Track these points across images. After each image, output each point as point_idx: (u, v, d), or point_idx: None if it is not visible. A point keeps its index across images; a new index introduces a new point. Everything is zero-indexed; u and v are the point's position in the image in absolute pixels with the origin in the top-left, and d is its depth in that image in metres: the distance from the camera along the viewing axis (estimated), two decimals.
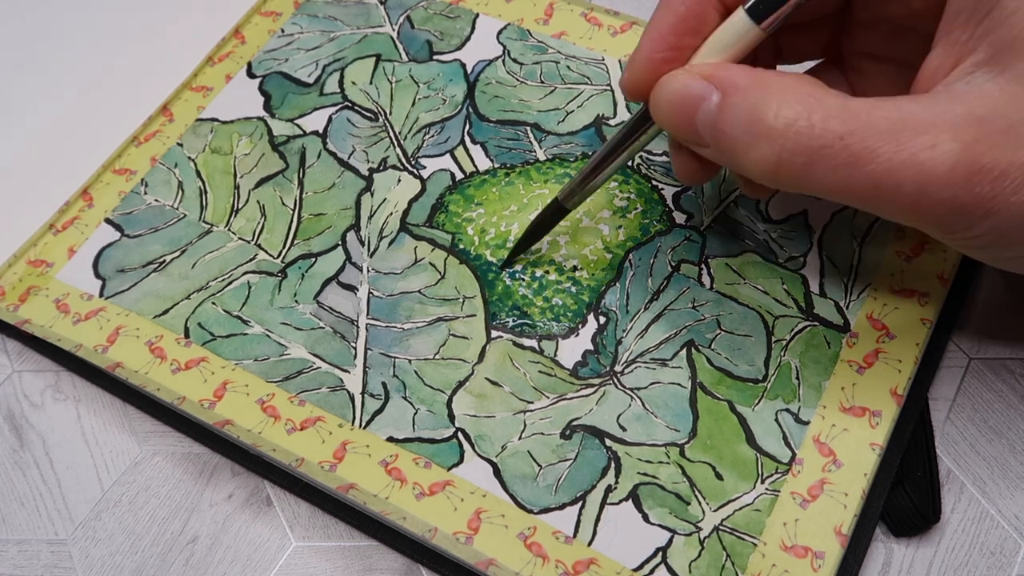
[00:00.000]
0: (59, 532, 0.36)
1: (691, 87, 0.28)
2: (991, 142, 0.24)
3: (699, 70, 0.28)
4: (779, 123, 0.26)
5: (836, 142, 0.25)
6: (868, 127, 0.25)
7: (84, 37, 0.49)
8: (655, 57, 0.30)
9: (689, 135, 0.29)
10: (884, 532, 0.33)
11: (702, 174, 0.33)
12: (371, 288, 0.38)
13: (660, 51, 0.30)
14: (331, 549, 0.35)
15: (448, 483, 0.33)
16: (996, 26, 0.25)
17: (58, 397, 0.39)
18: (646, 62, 0.30)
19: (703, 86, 0.28)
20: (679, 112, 0.29)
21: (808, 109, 0.26)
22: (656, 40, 0.30)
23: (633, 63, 0.30)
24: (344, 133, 0.43)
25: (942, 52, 0.27)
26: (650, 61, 0.30)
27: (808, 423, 0.33)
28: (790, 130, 0.26)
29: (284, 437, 0.34)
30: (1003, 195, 0.24)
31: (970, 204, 0.25)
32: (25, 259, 0.40)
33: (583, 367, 0.35)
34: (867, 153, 0.25)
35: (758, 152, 0.27)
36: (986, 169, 0.24)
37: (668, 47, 0.29)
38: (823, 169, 0.26)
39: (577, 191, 0.35)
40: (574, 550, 0.32)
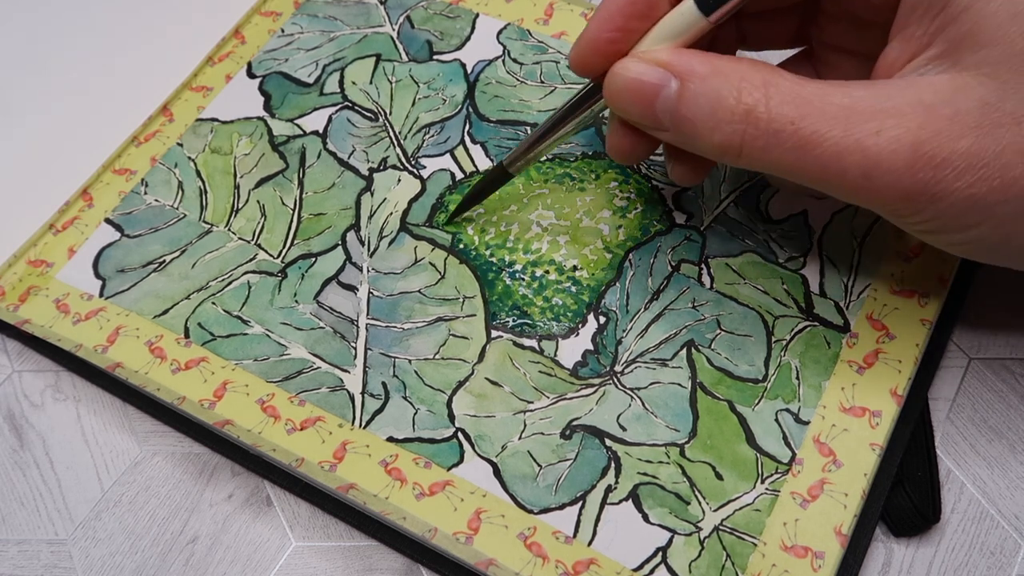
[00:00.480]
0: (59, 532, 0.36)
1: (647, 75, 0.29)
2: (935, 129, 0.25)
3: (653, 56, 0.29)
4: (740, 109, 0.27)
5: (788, 126, 0.26)
6: (818, 112, 0.26)
7: (84, 37, 0.49)
8: (602, 37, 0.30)
9: (648, 120, 0.30)
10: (884, 532, 0.33)
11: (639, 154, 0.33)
12: (371, 288, 0.38)
13: (607, 31, 0.30)
14: (331, 549, 0.35)
15: (448, 483, 0.33)
16: (949, 22, 0.26)
17: (58, 397, 0.39)
18: (593, 41, 0.30)
19: (660, 74, 0.29)
20: (638, 99, 0.29)
21: (766, 96, 0.27)
22: (605, 20, 0.30)
23: (580, 41, 0.31)
24: (344, 133, 0.43)
25: (898, 46, 0.28)
26: (597, 41, 0.30)
27: (808, 423, 0.33)
28: (750, 115, 0.27)
29: (284, 437, 0.34)
30: (945, 182, 0.25)
31: (913, 190, 0.26)
32: (25, 259, 0.40)
33: (583, 367, 0.35)
34: (815, 137, 0.26)
35: (721, 135, 0.28)
36: (928, 156, 0.25)
37: (615, 28, 0.30)
38: (777, 152, 0.27)
39: (522, 157, 0.36)
40: (574, 550, 0.32)
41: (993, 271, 0.38)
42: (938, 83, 0.26)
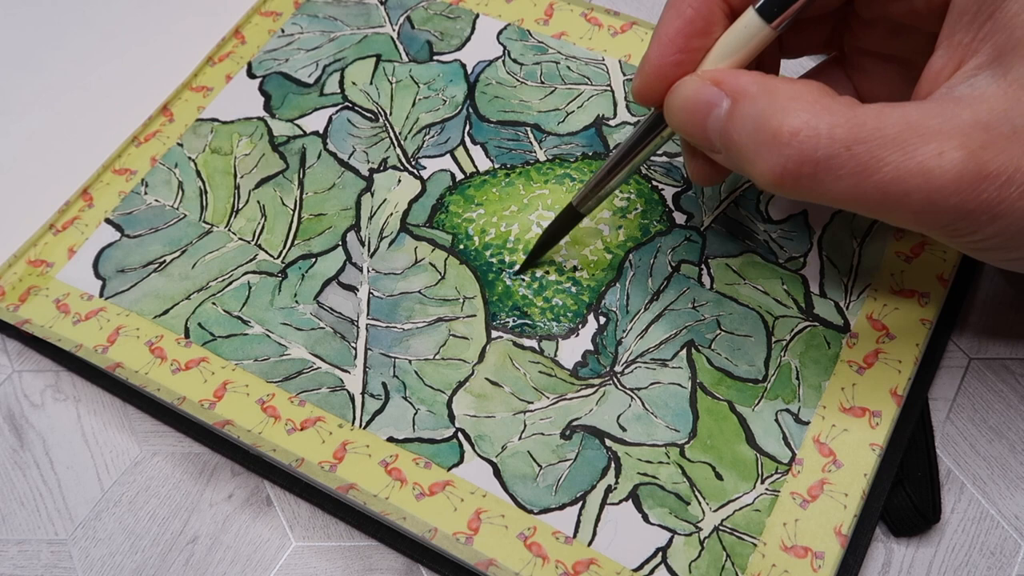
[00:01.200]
0: (59, 532, 0.36)
1: (702, 93, 0.28)
2: (996, 148, 0.24)
3: (710, 75, 0.28)
4: (785, 131, 0.26)
5: (843, 151, 0.25)
6: (875, 136, 0.25)
7: (84, 37, 0.49)
8: (665, 62, 0.30)
9: (702, 141, 0.29)
10: (884, 532, 0.33)
11: (714, 176, 0.33)
12: (371, 288, 0.38)
13: (670, 55, 0.30)
14: (331, 549, 0.35)
15: (448, 483, 0.33)
16: (999, 28, 0.25)
17: (58, 397, 0.39)
18: (656, 68, 0.30)
19: (714, 92, 0.28)
20: (691, 118, 0.29)
21: (815, 117, 0.26)
22: (665, 44, 0.30)
23: (643, 69, 0.30)
24: (344, 133, 0.43)
25: (945, 54, 0.27)
26: (660, 67, 0.30)
27: (808, 423, 0.33)
28: (795, 139, 0.26)
29: (284, 437, 0.34)
30: (1009, 199, 0.25)
31: (976, 209, 0.25)
32: (25, 259, 0.40)
33: (583, 367, 0.35)
34: (874, 162, 0.25)
35: (763, 161, 0.26)
36: (992, 175, 0.24)
37: (677, 50, 0.29)
38: (830, 178, 0.26)
39: (591, 196, 0.35)
40: (574, 550, 0.32)
41: (994, 270, 0.38)
42: (992, 99, 0.25)
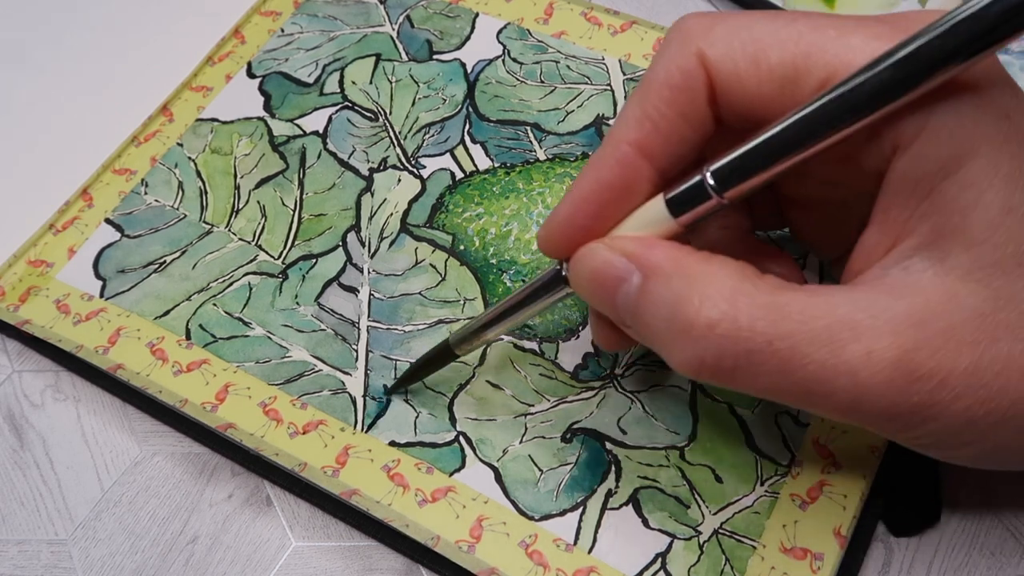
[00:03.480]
0: (59, 532, 0.36)
1: (611, 265, 0.27)
2: (931, 348, 0.23)
3: (621, 246, 0.27)
4: (701, 323, 0.24)
5: (765, 346, 0.24)
6: (799, 330, 0.24)
7: (84, 37, 0.48)
8: (575, 222, 0.28)
9: (611, 313, 0.27)
10: (884, 532, 0.33)
11: (624, 343, 0.30)
12: (372, 290, 0.38)
13: (581, 216, 0.28)
14: (331, 549, 0.35)
15: (450, 489, 0.33)
16: (936, 210, 0.24)
17: (58, 397, 0.39)
18: (564, 225, 0.28)
19: (624, 265, 0.26)
20: (599, 289, 0.27)
21: (734, 308, 0.24)
22: (578, 203, 0.28)
23: (551, 222, 0.28)
24: (344, 133, 0.43)
25: (879, 230, 0.25)
26: (569, 225, 0.28)
27: (807, 425, 0.33)
28: (713, 332, 0.24)
29: (287, 441, 0.34)
30: (942, 403, 0.23)
31: (908, 412, 0.24)
32: (25, 259, 0.40)
33: (583, 370, 0.35)
34: (798, 358, 0.24)
35: (680, 351, 0.25)
36: (925, 377, 0.23)
37: (590, 214, 0.28)
38: (751, 373, 0.24)
39: (471, 339, 0.33)
40: (574, 558, 0.32)
41: None
42: (927, 290, 0.24)
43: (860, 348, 0.23)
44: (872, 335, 0.23)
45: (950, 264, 0.23)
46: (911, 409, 0.24)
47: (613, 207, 0.27)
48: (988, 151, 0.23)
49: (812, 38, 0.25)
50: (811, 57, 0.25)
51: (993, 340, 0.23)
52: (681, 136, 0.27)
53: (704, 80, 0.26)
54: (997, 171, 0.23)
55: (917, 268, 0.24)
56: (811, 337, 0.23)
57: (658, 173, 0.27)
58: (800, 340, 0.23)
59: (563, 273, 0.29)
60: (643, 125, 0.27)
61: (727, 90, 0.26)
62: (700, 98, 0.26)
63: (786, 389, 0.24)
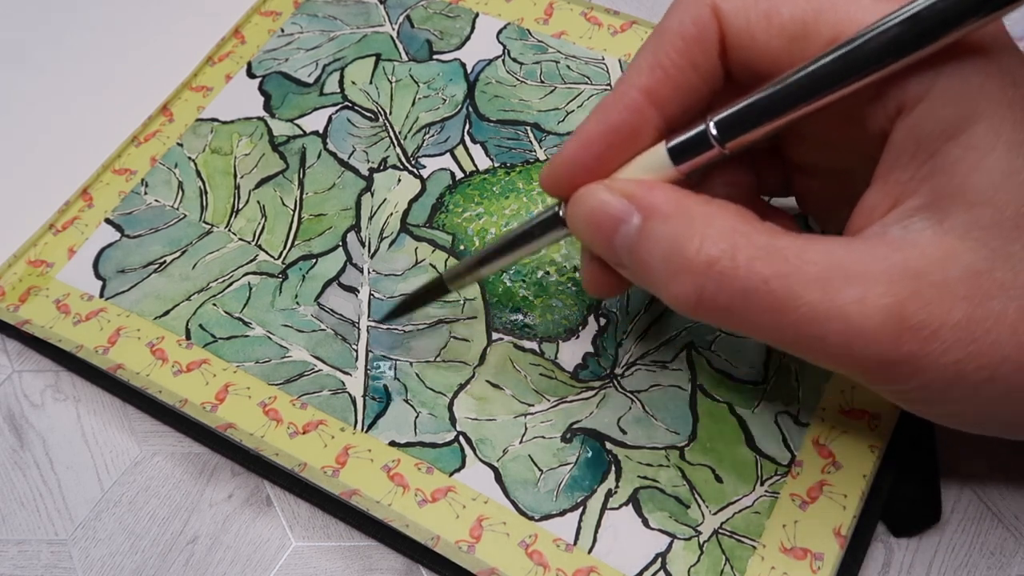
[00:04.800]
0: (59, 532, 0.36)
1: (610, 205, 0.27)
2: (924, 299, 0.23)
3: (621, 187, 0.27)
4: (700, 259, 0.25)
5: (760, 285, 0.24)
6: (795, 272, 0.24)
7: (84, 37, 0.48)
8: (578, 161, 0.28)
9: (608, 255, 0.28)
10: (884, 532, 0.33)
11: (613, 288, 0.31)
12: (372, 290, 0.38)
13: (584, 156, 0.28)
14: (331, 549, 0.35)
15: (450, 489, 0.33)
16: (938, 171, 0.24)
17: (58, 397, 0.39)
18: (568, 164, 0.28)
19: (624, 206, 0.27)
20: (597, 230, 0.27)
21: (732, 247, 0.24)
22: (582, 144, 0.28)
23: (555, 161, 0.29)
24: (344, 133, 0.43)
25: (880, 190, 0.25)
26: (572, 164, 0.28)
27: (807, 425, 0.33)
28: (712, 268, 0.24)
29: (287, 441, 0.34)
30: (932, 355, 0.23)
31: (898, 362, 0.24)
32: (25, 259, 0.40)
33: (583, 369, 0.35)
34: (792, 300, 0.24)
35: (678, 286, 0.25)
36: (916, 328, 0.23)
37: (594, 155, 0.28)
38: (745, 312, 0.25)
39: (465, 274, 0.33)
40: (574, 558, 0.32)
41: None
42: (925, 246, 0.24)
43: (854, 293, 0.23)
44: (866, 281, 0.24)
45: (949, 224, 0.24)
46: (901, 358, 0.24)
47: (618, 150, 0.28)
48: (992, 115, 0.23)
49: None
50: (822, 14, 0.25)
51: (987, 297, 0.23)
52: (691, 86, 0.27)
53: (716, 32, 0.27)
54: (1000, 135, 0.23)
55: (917, 227, 0.24)
56: (806, 279, 0.24)
57: (665, 121, 0.28)
58: (795, 281, 0.24)
59: (561, 214, 0.29)
60: (654, 72, 0.27)
61: (738, 44, 0.26)
62: (712, 50, 0.27)
63: (778, 330, 0.25)
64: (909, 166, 0.25)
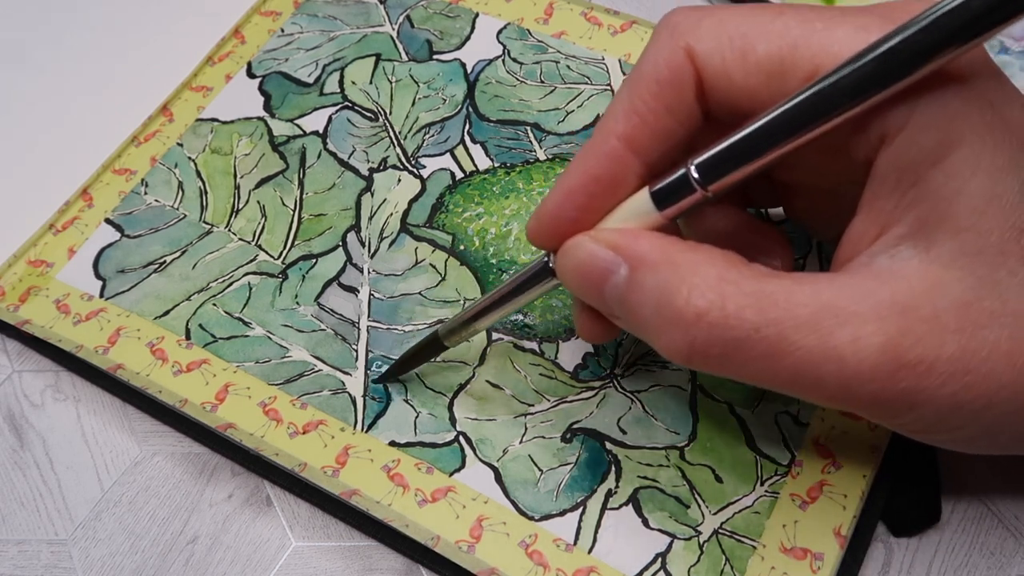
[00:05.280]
0: (59, 532, 0.36)
1: (597, 258, 0.27)
2: (916, 335, 0.23)
3: (607, 238, 0.27)
4: (689, 311, 0.24)
5: (752, 334, 0.24)
6: (786, 317, 0.24)
7: (84, 37, 0.48)
8: (562, 214, 0.28)
9: (598, 304, 0.28)
10: (884, 532, 0.33)
11: (608, 334, 0.31)
12: (372, 290, 0.38)
13: (568, 208, 0.28)
14: (331, 549, 0.35)
15: (450, 489, 0.33)
16: (923, 198, 0.24)
17: (58, 397, 0.39)
18: (552, 216, 0.28)
19: (610, 258, 0.26)
20: (586, 282, 0.27)
21: (721, 296, 0.24)
22: (565, 197, 0.28)
23: (539, 215, 0.29)
24: (344, 133, 0.43)
25: (866, 219, 0.25)
26: (556, 216, 0.28)
27: (807, 425, 0.33)
28: (702, 320, 0.24)
29: (287, 441, 0.34)
30: (929, 389, 0.23)
31: (894, 398, 0.24)
32: (25, 259, 0.40)
33: (583, 369, 0.35)
34: (785, 345, 0.24)
35: (669, 339, 0.25)
36: (911, 364, 0.23)
37: (577, 206, 0.28)
38: (739, 361, 0.25)
39: (460, 330, 0.33)
40: (574, 558, 0.32)
41: None
42: (912, 277, 0.24)
43: (846, 334, 0.23)
44: (857, 321, 0.23)
45: (935, 252, 0.24)
46: (899, 395, 0.24)
47: (601, 200, 0.28)
48: (973, 140, 0.23)
49: (799, 31, 0.25)
50: (798, 50, 0.25)
51: (978, 327, 0.23)
52: (668, 130, 0.27)
53: (692, 74, 0.26)
54: (980, 160, 0.23)
55: (903, 256, 0.24)
56: (797, 324, 0.24)
57: (645, 166, 0.27)
58: (787, 327, 0.24)
59: (550, 264, 0.29)
60: (631, 119, 0.27)
61: (715, 84, 0.26)
62: (688, 92, 0.27)
63: (775, 376, 0.25)
64: (893, 194, 0.24)
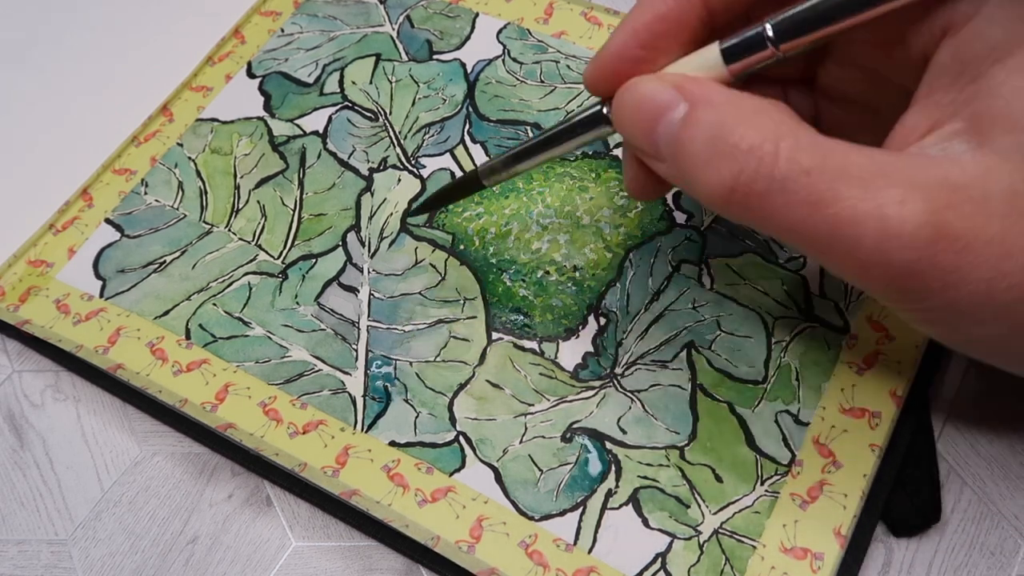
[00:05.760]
0: (59, 532, 0.36)
1: (659, 94, 0.26)
2: (963, 211, 0.23)
3: (671, 79, 0.26)
4: (744, 143, 0.24)
5: (801, 176, 0.23)
6: (838, 167, 0.23)
7: (84, 37, 0.48)
8: (626, 54, 0.28)
9: (647, 146, 0.27)
10: (884, 532, 0.33)
11: (652, 190, 0.31)
12: (372, 290, 0.38)
13: (632, 48, 0.27)
14: (331, 549, 0.35)
15: (450, 489, 0.33)
16: (980, 95, 0.24)
17: (58, 397, 0.39)
18: (615, 58, 0.28)
19: (672, 95, 0.26)
20: (642, 119, 0.26)
21: (777, 135, 0.24)
22: (629, 36, 0.27)
23: (600, 56, 0.28)
24: (344, 133, 0.43)
25: (920, 112, 0.25)
26: (619, 58, 0.28)
27: (808, 424, 0.33)
28: (753, 153, 0.24)
29: (287, 441, 0.34)
30: (965, 268, 0.23)
31: (929, 272, 0.23)
32: (25, 259, 0.40)
33: (583, 369, 0.35)
34: (831, 194, 0.23)
35: (715, 172, 0.24)
36: (952, 237, 0.23)
37: (641, 45, 0.27)
38: (781, 203, 0.24)
39: (501, 169, 0.33)
40: (574, 558, 0.32)
41: None
42: (966, 163, 0.23)
43: (894, 195, 0.23)
44: (907, 186, 0.23)
45: (989, 147, 0.23)
46: (933, 268, 0.23)
47: (665, 40, 0.27)
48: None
49: None
50: None
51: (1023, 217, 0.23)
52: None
53: None
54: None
55: (955, 150, 0.24)
56: (848, 176, 0.23)
57: (708, 12, 0.27)
58: (837, 176, 0.23)
59: (604, 112, 0.29)
60: None
61: None
62: None
63: (812, 227, 0.24)
64: (951, 88, 0.24)
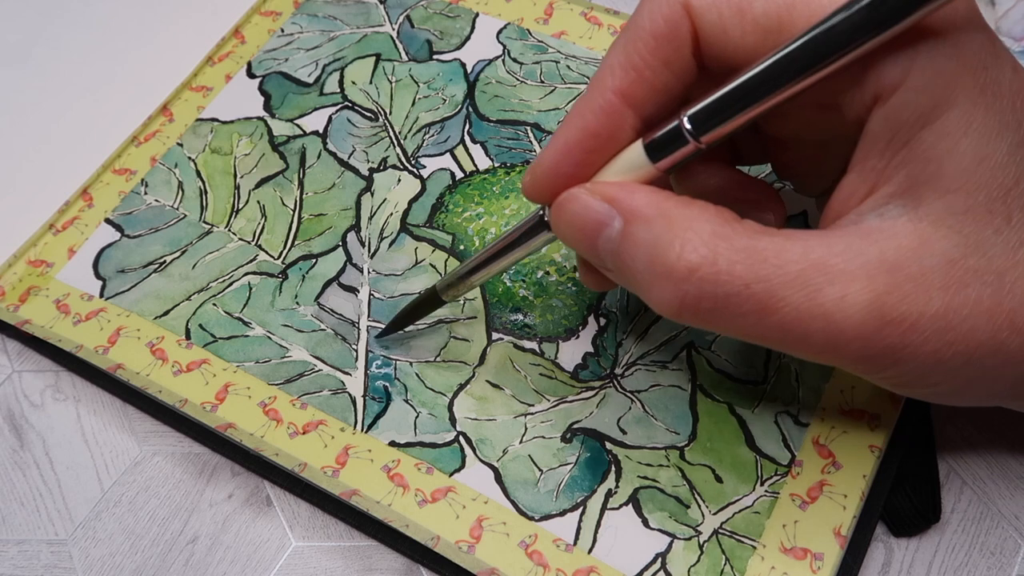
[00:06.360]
0: (59, 532, 0.36)
1: (592, 210, 0.27)
2: (902, 292, 0.24)
3: (602, 191, 0.27)
4: (681, 265, 0.25)
5: (742, 289, 0.24)
6: (775, 274, 0.24)
7: (84, 37, 0.48)
8: (558, 169, 0.28)
9: (591, 257, 0.28)
10: (884, 532, 0.33)
11: (608, 284, 0.31)
12: (372, 290, 0.38)
13: (564, 163, 0.28)
14: (331, 549, 0.35)
15: (450, 489, 0.33)
16: (913, 158, 0.24)
17: (58, 397, 0.39)
18: (548, 171, 0.28)
19: (605, 210, 0.27)
20: (581, 234, 0.27)
21: (713, 252, 0.24)
22: (561, 152, 0.28)
23: (535, 168, 0.29)
24: (344, 133, 0.43)
25: (857, 178, 0.26)
26: (554, 174, 0.28)
27: (807, 425, 0.33)
28: (693, 275, 0.25)
29: (287, 441, 0.34)
30: (912, 346, 0.24)
31: (879, 354, 0.25)
32: (25, 259, 0.40)
33: (583, 369, 0.35)
34: (774, 302, 0.24)
35: (659, 292, 0.25)
36: (896, 321, 0.24)
37: (573, 161, 0.28)
38: (729, 315, 0.25)
39: (456, 284, 0.33)
40: (574, 558, 0.32)
41: None
42: (901, 235, 0.24)
43: (834, 292, 0.24)
44: (845, 279, 0.24)
45: (923, 211, 0.24)
46: (883, 351, 0.24)
47: (596, 154, 0.28)
48: (964, 102, 0.23)
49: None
50: (795, 8, 0.25)
51: (962, 285, 0.24)
52: (665, 84, 0.27)
53: (689, 29, 0.26)
54: (972, 121, 0.23)
55: (892, 214, 0.25)
56: (786, 280, 0.24)
57: (641, 120, 0.27)
58: (776, 284, 0.24)
59: (545, 218, 0.29)
60: (627, 73, 0.27)
61: (711, 40, 0.26)
62: (684, 47, 0.27)
63: (763, 332, 0.25)
64: (885, 153, 0.25)
